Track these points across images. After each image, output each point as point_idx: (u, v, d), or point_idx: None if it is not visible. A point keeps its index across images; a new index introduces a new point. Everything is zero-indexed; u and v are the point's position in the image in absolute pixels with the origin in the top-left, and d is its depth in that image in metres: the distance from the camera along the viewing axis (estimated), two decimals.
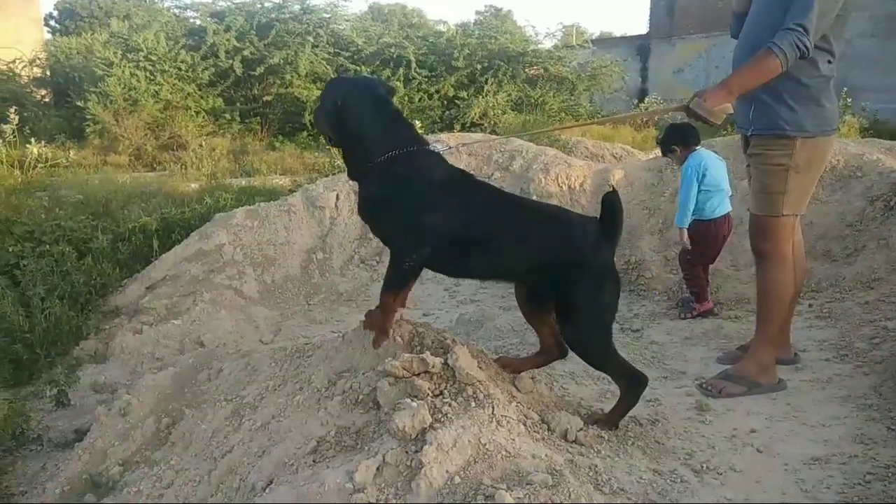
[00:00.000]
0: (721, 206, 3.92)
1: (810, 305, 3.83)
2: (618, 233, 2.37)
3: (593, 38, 17.68)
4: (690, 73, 15.25)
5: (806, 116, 2.70)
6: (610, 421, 2.40)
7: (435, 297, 4.67)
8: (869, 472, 2.18)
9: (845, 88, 11.79)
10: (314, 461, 2.27)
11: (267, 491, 2.22)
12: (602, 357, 2.40)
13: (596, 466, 2.15)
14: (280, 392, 2.66)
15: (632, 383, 2.40)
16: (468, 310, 4.28)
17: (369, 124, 2.31)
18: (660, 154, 4.82)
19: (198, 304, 4.10)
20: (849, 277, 3.92)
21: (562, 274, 2.30)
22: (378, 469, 2.05)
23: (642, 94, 15.79)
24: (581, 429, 2.35)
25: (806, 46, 2.51)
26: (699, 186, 3.88)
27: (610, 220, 2.33)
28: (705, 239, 3.93)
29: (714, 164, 3.96)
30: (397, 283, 2.47)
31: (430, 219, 2.32)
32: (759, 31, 2.70)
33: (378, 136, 2.30)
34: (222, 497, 2.37)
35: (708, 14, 14.92)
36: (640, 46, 16.71)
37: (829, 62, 2.70)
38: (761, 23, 2.74)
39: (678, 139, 4.06)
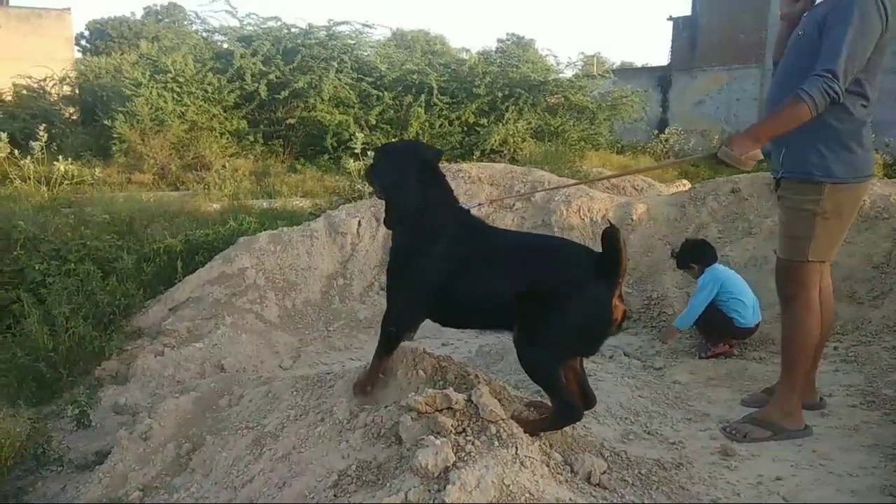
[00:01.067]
0: (755, 315, 3.90)
1: (836, 348, 3.77)
2: (615, 269, 2.29)
3: (614, 67, 17.83)
4: (711, 105, 15.27)
5: (835, 161, 2.67)
6: (530, 427, 2.37)
7: None
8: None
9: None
10: (335, 495, 2.26)
11: None
12: (549, 378, 2.36)
13: None
14: (301, 422, 2.66)
15: (564, 409, 2.34)
16: (488, 341, 4.26)
17: (403, 182, 2.48)
18: (682, 187, 4.80)
19: (220, 327, 4.13)
20: (875, 321, 3.87)
21: (543, 298, 2.29)
22: None
23: (662, 124, 15.81)
24: (605, 472, 2.33)
25: (836, 92, 2.50)
26: (722, 297, 3.86)
27: (608, 256, 2.28)
28: (734, 335, 3.92)
29: (732, 278, 3.95)
30: (383, 347, 2.56)
31: (421, 291, 2.47)
32: (791, 77, 2.71)
33: (408, 195, 2.47)
34: None
35: (729, 47, 14.98)
36: (661, 77, 16.78)
37: (864, 106, 2.67)
38: (793, 69, 2.74)
39: (697, 257, 4.06)
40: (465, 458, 2.13)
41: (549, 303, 2.28)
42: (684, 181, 8.63)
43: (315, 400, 2.77)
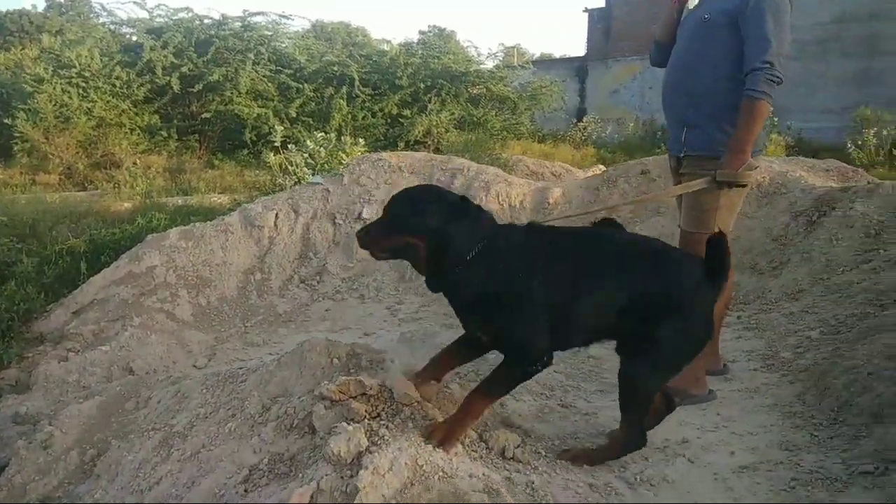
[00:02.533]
0: None
1: (738, 317, 3.96)
2: (724, 276, 2.25)
3: (534, 59, 18.09)
4: (626, 93, 15.74)
5: None
6: (584, 458, 2.34)
7: (376, 315, 4.62)
8: (794, 477, 2.25)
9: (771, 108, 12.38)
10: (246, 490, 2.20)
11: None
12: (644, 401, 2.29)
13: (533, 483, 2.16)
14: (211, 420, 2.58)
15: (633, 439, 2.31)
16: (410, 328, 4.25)
17: (449, 220, 2.14)
18: (596, 171, 4.92)
19: (127, 328, 3.95)
20: (775, 289, 4.07)
21: (657, 311, 2.15)
22: (312, 496, 2.00)
23: (580, 113, 16.20)
24: (518, 446, 2.35)
25: (779, 76, 2.66)
26: None
27: (715, 263, 2.22)
28: None
29: None
30: (506, 389, 2.27)
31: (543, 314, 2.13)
32: (694, 64, 2.84)
33: (461, 231, 2.13)
34: None
35: (642, 37, 15.46)
36: (578, 68, 17.16)
37: None
38: (697, 56, 2.85)
39: None
40: (379, 443, 2.11)
41: (666, 314, 2.14)
42: (600, 166, 8.86)
43: (226, 396, 2.69)
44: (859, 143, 9.90)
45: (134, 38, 12.91)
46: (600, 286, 2.16)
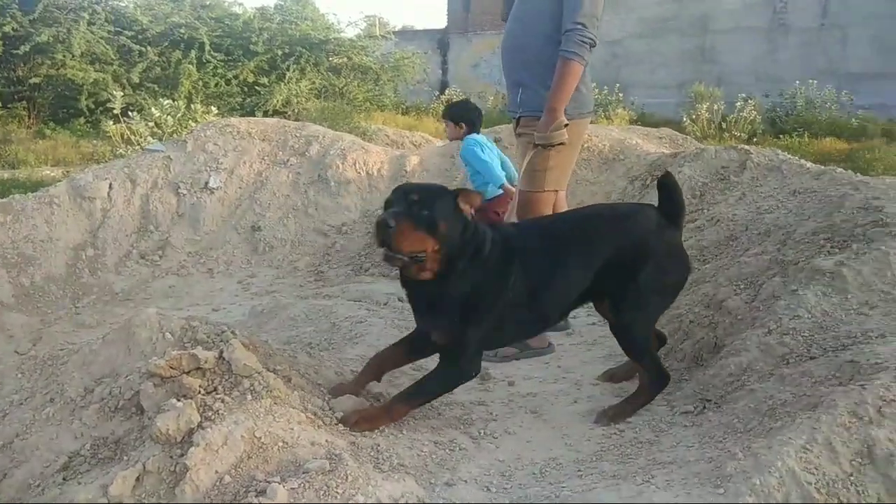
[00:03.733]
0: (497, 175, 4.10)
1: None
2: (681, 213, 2.45)
3: (395, 30, 17.90)
4: (486, 67, 16.03)
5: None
6: (623, 414, 2.40)
7: (227, 290, 4.41)
8: (626, 421, 2.40)
9: (617, 84, 13.14)
10: (65, 479, 2.03)
11: None
12: (645, 346, 2.42)
13: (378, 445, 2.14)
14: (27, 406, 2.33)
15: (659, 379, 2.43)
16: (262, 301, 4.10)
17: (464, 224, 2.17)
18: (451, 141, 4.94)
19: None
20: None
21: (628, 265, 2.31)
22: (138, 479, 1.88)
23: (443, 86, 16.31)
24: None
25: (592, 37, 2.78)
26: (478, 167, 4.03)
27: (670, 203, 2.39)
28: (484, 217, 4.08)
29: (490, 145, 4.15)
30: (435, 395, 2.36)
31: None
32: (526, 30, 2.94)
33: (468, 232, 2.18)
34: None
35: (499, 11, 15.76)
36: (440, 40, 17.22)
37: (589, 50, 2.90)
38: (526, 21, 2.95)
39: (473, 119, 4.16)
40: (213, 417, 2.00)
41: (637, 264, 2.29)
42: None
43: (44, 380, 2.44)
44: (693, 116, 10.74)
45: None
46: (576, 263, 2.31)
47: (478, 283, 2.19)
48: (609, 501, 1.71)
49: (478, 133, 4.19)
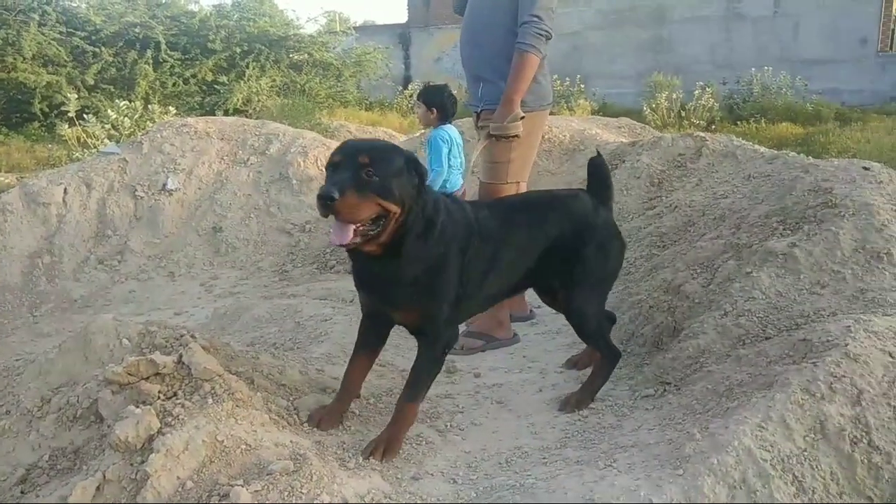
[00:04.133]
0: (456, 182, 4.10)
1: None
2: (610, 194, 2.51)
3: (356, 25, 17.75)
4: (448, 61, 15.99)
5: (527, 92, 2.92)
6: (585, 400, 2.43)
7: (190, 293, 4.34)
8: (589, 407, 2.44)
9: (578, 76, 13.24)
10: (22, 492, 1.99)
11: None
12: (598, 325, 2.45)
13: (344, 443, 2.15)
14: None
15: (611, 357, 2.48)
16: (225, 303, 4.05)
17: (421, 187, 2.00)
18: (417, 135, 4.92)
19: None
20: None
21: (570, 248, 2.34)
22: (98, 488, 1.84)
23: (406, 81, 16.23)
24: None
25: (547, 30, 2.82)
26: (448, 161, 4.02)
27: (599, 184, 2.46)
28: None
29: (459, 141, 4.14)
30: (431, 382, 2.23)
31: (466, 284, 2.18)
32: (484, 24, 2.96)
33: (426, 198, 2.02)
34: None
35: None
36: (401, 35, 17.13)
37: (546, 42, 2.91)
38: (484, 15, 2.96)
39: (447, 106, 4.11)
40: (174, 423, 1.98)
41: (580, 247, 2.33)
42: (422, 130, 8.95)
43: None
44: (653, 106, 10.89)
45: None
46: (522, 243, 2.32)
47: (438, 253, 2.03)
48: (571, 487, 1.73)
49: (449, 122, 4.15)
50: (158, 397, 2.08)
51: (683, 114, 10.75)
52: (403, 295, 2.06)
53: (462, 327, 3.28)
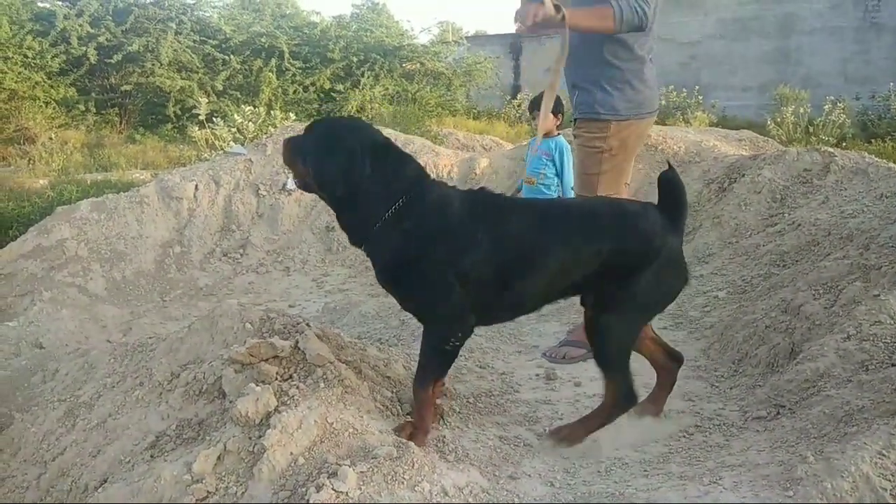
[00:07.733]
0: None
1: None
2: (683, 214, 2.18)
3: (468, 35, 18.01)
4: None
5: (620, 100, 2.79)
6: (578, 435, 2.19)
7: (302, 287, 4.58)
8: (693, 424, 2.37)
9: (697, 87, 12.78)
10: (152, 456, 2.17)
11: (100, 490, 2.09)
12: (620, 358, 2.18)
13: (444, 437, 2.20)
14: (118, 389, 2.51)
15: (623, 398, 2.19)
16: (335, 298, 4.24)
17: (376, 174, 1.99)
18: (522, 144, 4.97)
19: (36, 303, 3.79)
20: (686, 254, 4.19)
21: (624, 268, 2.08)
22: (219, 458, 1.98)
23: (515, 90, 16.27)
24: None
25: (644, 13, 2.54)
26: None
27: (671, 203, 2.14)
28: None
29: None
30: (438, 370, 2.15)
31: (469, 276, 2.00)
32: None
33: (384, 187, 1.99)
34: (52, 500, 2.21)
35: None
36: (512, 44, 17.20)
37: (645, 44, 2.81)
38: None
39: (564, 113, 4.15)
40: (289, 402, 2.10)
41: (632, 269, 2.07)
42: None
43: (134, 365, 2.62)
44: (779, 120, 10.32)
45: (45, 6, 12.18)
46: (558, 250, 2.07)
47: (413, 245, 1.99)
48: (673, 500, 1.70)
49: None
50: (276, 378, 2.21)
51: (811, 129, 10.11)
52: (382, 280, 2.15)
53: (562, 336, 3.29)
